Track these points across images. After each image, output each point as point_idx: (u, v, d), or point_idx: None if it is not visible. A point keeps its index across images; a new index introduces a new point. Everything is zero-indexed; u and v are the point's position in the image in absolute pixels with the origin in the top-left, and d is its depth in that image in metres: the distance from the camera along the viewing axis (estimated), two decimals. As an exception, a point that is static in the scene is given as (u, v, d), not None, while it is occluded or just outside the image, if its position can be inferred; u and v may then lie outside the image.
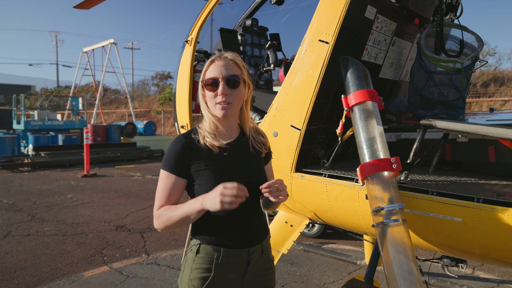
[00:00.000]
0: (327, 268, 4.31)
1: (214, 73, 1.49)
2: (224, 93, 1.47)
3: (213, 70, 1.50)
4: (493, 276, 4.11)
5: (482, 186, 1.97)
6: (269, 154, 1.71)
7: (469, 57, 2.41)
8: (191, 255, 1.54)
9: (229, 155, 1.54)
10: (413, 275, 1.66)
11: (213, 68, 1.51)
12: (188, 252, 1.56)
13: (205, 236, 1.53)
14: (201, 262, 1.51)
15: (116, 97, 39.91)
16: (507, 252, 1.74)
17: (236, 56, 1.54)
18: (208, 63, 1.52)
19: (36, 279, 3.95)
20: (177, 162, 1.48)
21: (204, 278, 1.49)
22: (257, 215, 1.61)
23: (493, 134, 1.76)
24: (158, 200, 1.50)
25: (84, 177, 10.59)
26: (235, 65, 1.51)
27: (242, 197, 1.31)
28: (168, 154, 1.51)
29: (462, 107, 2.68)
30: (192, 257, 1.52)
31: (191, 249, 1.55)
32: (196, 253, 1.52)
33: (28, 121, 15.78)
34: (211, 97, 1.50)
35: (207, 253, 1.51)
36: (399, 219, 1.75)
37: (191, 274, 1.51)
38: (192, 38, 2.88)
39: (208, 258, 1.50)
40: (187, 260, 1.55)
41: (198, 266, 1.51)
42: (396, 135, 2.65)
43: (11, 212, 6.64)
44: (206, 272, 1.50)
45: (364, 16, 2.21)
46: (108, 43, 22.94)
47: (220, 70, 1.49)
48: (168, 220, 1.44)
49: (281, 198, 1.40)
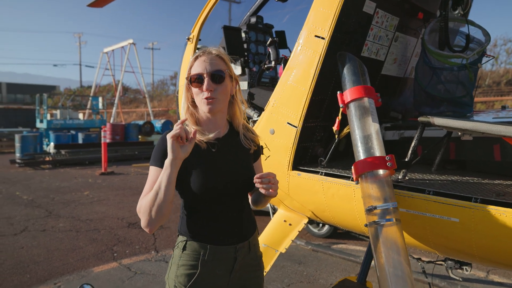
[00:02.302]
0: (334, 269, 4.25)
1: (199, 69, 1.48)
2: (209, 88, 1.46)
3: (198, 66, 1.49)
4: (508, 280, 3.96)
5: (484, 186, 1.89)
6: (258, 151, 1.69)
7: (474, 52, 2.32)
8: (177, 251, 1.53)
9: (217, 151, 1.53)
10: (405, 275, 1.61)
11: (197, 64, 1.49)
12: (175, 248, 1.56)
13: (192, 232, 1.52)
14: (187, 258, 1.50)
15: (135, 97, 40.61)
16: (506, 254, 1.66)
17: (221, 50, 1.52)
18: (193, 59, 1.51)
19: (48, 274, 4.05)
20: (165, 157, 1.42)
21: (190, 275, 1.49)
22: (245, 212, 1.60)
23: (493, 131, 1.69)
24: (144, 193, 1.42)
25: (101, 175, 10.82)
26: (220, 59, 1.50)
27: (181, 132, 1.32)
28: (156, 149, 1.48)
29: (469, 105, 2.58)
30: (179, 254, 1.52)
31: (177, 246, 1.54)
32: (182, 250, 1.51)
33: (50, 120, 16.23)
34: (197, 93, 1.49)
35: (194, 250, 1.50)
36: (393, 219, 1.70)
37: (177, 271, 1.50)
38: (194, 36, 2.89)
39: (195, 255, 1.50)
40: (174, 256, 1.54)
41: (184, 262, 1.50)
42: (399, 133, 2.58)
43: (30, 208, 6.84)
44: (192, 268, 1.49)
45: (362, 11, 2.16)
46: (127, 43, 23.38)
47: (204, 65, 1.47)
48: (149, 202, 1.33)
49: (271, 191, 1.37)
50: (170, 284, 1.53)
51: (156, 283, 3.82)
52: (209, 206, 1.51)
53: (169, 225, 5.82)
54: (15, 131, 18.42)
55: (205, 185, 1.46)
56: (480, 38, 2.48)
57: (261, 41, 3.47)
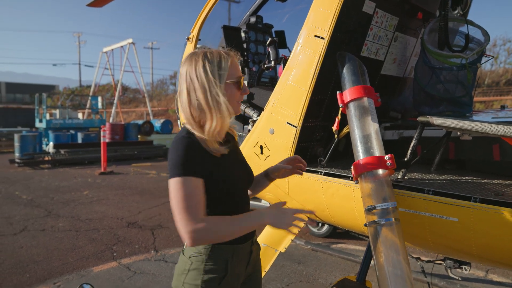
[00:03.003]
0: (334, 268, 4.26)
1: (238, 72, 1.48)
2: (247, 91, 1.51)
3: (236, 68, 1.47)
4: (507, 279, 3.97)
5: (483, 185, 1.90)
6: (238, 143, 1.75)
7: (474, 52, 2.32)
8: (200, 258, 1.46)
9: (228, 154, 1.50)
10: (405, 275, 1.62)
11: (235, 65, 1.47)
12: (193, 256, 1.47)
13: None
14: (213, 263, 1.46)
15: (135, 96, 40.60)
16: (505, 253, 1.67)
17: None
18: (232, 60, 1.45)
19: (47, 273, 4.05)
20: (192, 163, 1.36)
21: (218, 278, 1.46)
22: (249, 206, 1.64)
23: (492, 131, 1.69)
24: (189, 212, 1.30)
25: (101, 174, 10.82)
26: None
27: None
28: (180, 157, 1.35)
29: (469, 104, 2.59)
30: (201, 259, 1.46)
31: (199, 252, 1.47)
32: (207, 255, 1.46)
33: (49, 120, 16.22)
34: (235, 94, 1.46)
35: (220, 253, 1.47)
36: (392, 218, 1.71)
37: (203, 277, 1.45)
38: (193, 36, 2.89)
39: (223, 258, 1.47)
40: (192, 262, 1.47)
41: (210, 267, 1.45)
42: (398, 133, 2.58)
43: (29, 208, 6.84)
44: (221, 272, 1.46)
45: (362, 11, 2.16)
46: (126, 43, 23.36)
47: (238, 68, 1.48)
48: (223, 233, 1.33)
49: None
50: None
51: (155, 283, 3.83)
52: (233, 209, 1.49)
53: (168, 225, 5.82)
54: (14, 131, 18.41)
55: (232, 189, 1.48)
56: (479, 38, 2.49)
57: (261, 41, 3.47)
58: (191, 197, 1.31)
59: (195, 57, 1.44)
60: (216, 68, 1.42)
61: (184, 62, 1.47)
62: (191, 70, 1.42)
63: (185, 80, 1.43)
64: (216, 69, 1.41)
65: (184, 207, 1.29)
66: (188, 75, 1.42)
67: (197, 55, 1.45)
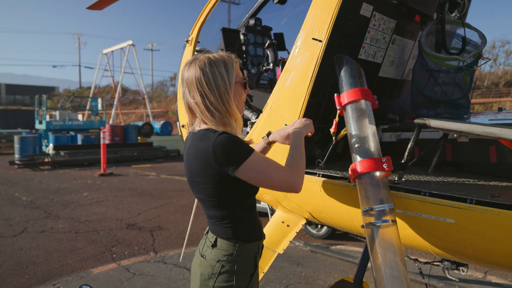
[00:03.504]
0: (333, 270, 4.27)
1: (241, 72, 1.58)
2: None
3: (238, 69, 1.56)
4: (506, 281, 3.98)
5: (479, 187, 1.91)
6: None
7: (470, 55, 2.34)
8: (231, 258, 1.48)
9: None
10: (401, 276, 1.63)
11: (238, 68, 1.56)
12: (224, 258, 1.48)
13: (246, 235, 1.54)
14: (244, 262, 1.51)
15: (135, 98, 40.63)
16: (501, 255, 1.68)
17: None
18: (234, 63, 1.53)
19: (47, 275, 4.06)
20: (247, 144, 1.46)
21: (250, 275, 1.53)
22: None
23: (488, 133, 1.70)
24: (282, 169, 1.44)
25: (100, 176, 10.84)
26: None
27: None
28: (240, 147, 1.41)
29: (466, 106, 2.61)
30: (234, 260, 1.48)
31: (230, 254, 1.49)
32: (238, 255, 1.49)
33: (49, 121, 16.24)
34: (241, 95, 1.58)
35: (248, 252, 1.53)
36: (389, 220, 1.72)
37: (236, 276, 1.47)
38: (192, 38, 2.91)
39: (251, 256, 1.54)
40: (225, 265, 1.47)
41: (242, 266, 1.49)
42: (396, 135, 2.59)
43: (29, 209, 6.85)
44: (251, 268, 1.53)
45: (359, 14, 2.18)
46: (126, 44, 23.39)
47: (240, 70, 1.57)
48: (303, 165, 1.54)
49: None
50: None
51: (154, 284, 3.84)
52: (254, 206, 1.62)
53: (167, 227, 5.83)
54: (14, 132, 18.42)
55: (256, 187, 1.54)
56: (476, 40, 2.51)
57: (260, 43, 3.49)
58: (269, 164, 1.43)
59: (201, 63, 1.46)
60: (225, 71, 1.47)
61: (188, 67, 1.49)
62: (201, 76, 1.44)
63: (196, 86, 1.45)
64: (225, 72, 1.47)
65: (273, 174, 1.41)
66: (199, 81, 1.44)
67: (202, 61, 1.46)
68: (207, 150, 1.39)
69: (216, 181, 1.42)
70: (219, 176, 1.41)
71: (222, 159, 1.38)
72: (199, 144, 1.42)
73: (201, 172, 1.43)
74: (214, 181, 1.43)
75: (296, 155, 1.55)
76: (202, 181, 1.44)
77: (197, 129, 1.49)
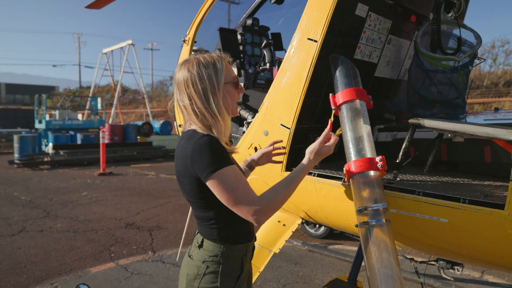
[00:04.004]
0: (331, 269, 4.28)
1: (233, 72, 1.55)
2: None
3: (230, 68, 1.54)
4: (503, 280, 3.99)
5: (473, 186, 1.92)
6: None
7: (466, 55, 2.35)
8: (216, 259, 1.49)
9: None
10: (395, 275, 1.64)
11: (229, 68, 1.53)
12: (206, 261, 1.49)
13: (233, 237, 1.53)
14: (230, 263, 1.51)
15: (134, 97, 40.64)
16: (494, 254, 1.69)
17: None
18: (226, 63, 1.51)
19: (45, 274, 4.07)
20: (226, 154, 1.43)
21: (236, 278, 1.51)
22: None
23: (481, 133, 1.71)
24: (247, 194, 1.37)
25: (100, 175, 10.84)
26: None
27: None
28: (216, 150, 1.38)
29: (462, 106, 2.62)
30: (219, 261, 1.49)
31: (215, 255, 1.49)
32: (224, 257, 1.49)
33: (49, 121, 16.24)
34: (233, 95, 1.54)
35: (235, 253, 1.52)
36: (383, 219, 1.72)
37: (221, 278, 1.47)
38: (189, 38, 2.92)
39: (238, 258, 1.53)
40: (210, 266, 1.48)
41: (226, 268, 1.49)
42: (392, 135, 2.60)
43: (28, 209, 6.86)
44: (237, 271, 1.52)
45: (355, 14, 2.18)
46: (126, 44, 23.40)
47: (232, 68, 1.55)
48: (285, 195, 1.45)
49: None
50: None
51: (152, 283, 3.85)
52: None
53: (166, 226, 5.84)
54: (14, 132, 18.43)
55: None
56: (471, 41, 2.52)
57: (257, 43, 3.50)
58: (239, 184, 1.36)
59: (190, 65, 1.45)
60: (213, 73, 1.44)
61: (179, 69, 1.48)
62: (188, 78, 1.44)
63: (185, 89, 1.44)
64: (213, 74, 1.44)
65: (238, 196, 1.35)
66: (186, 83, 1.44)
67: (191, 63, 1.46)
68: (188, 151, 1.39)
69: (197, 183, 1.41)
70: (198, 178, 1.39)
71: (196, 164, 1.37)
72: (185, 144, 1.43)
73: (184, 172, 1.43)
74: (195, 183, 1.41)
75: (280, 190, 1.44)
76: (186, 182, 1.44)
77: (187, 128, 1.51)
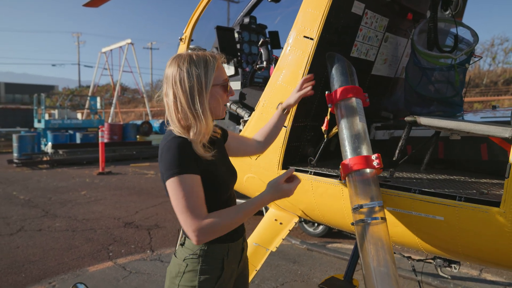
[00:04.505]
0: (329, 268, 4.28)
1: (224, 75, 1.49)
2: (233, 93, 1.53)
3: (222, 71, 1.48)
4: (501, 278, 3.99)
5: (470, 184, 1.91)
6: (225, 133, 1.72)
7: (462, 53, 2.34)
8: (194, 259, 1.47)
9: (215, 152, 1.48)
10: (390, 272, 1.63)
11: (221, 68, 1.47)
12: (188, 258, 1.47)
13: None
14: (209, 263, 1.47)
15: (133, 96, 40.62)
16: (490, 252, 1.69)
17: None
18: (218, 63, 1.44)
19: (43, 273, 4.07)
20: (189, 161, 1.36)
21: (215, 278, 1.47)
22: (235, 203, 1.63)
23: (476, 131, 1.71)
24: (193, 210, 1.30)
25: (99, 174, 10.83)
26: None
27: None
28: (176, 155, 1.33)
29: (459, 104, 2.61)
30: (196, 260, 1.46)
31: (195, 253, 1.47)
32: (201, 256, 1.46)
33: (48, 120, 16.22)
34: (222, 98, 1.46)
35: (215, 253, 1.48)
36: (378, 217, 1.72)
37: (200, 277, 1.45)
38: (186, 36, 2.91)
39: (218, 258, 1.48)
40: (187, 265, 1.46)
41: (205, 267, 1.46)
42: (389, 133, 2.60)
43: (27, 208, 6.86)
44: (216, 271, 1.48)
45: (351, 12, 2.18)
46: (125, 43, 23.39)
47: (224, 71, 1.49)
48: (231, 223, 1.36)
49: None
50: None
51: (151, 282, 3.84)
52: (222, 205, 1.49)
53: (164, 225, 5.84)
54: (13, 131, 18.41)
55: (223, 187, 1.49)
56: (468, 38, 2.51)
57: (255, 42, 3.49)
58: (191, 195, 1.30)
59: (181, 61, 1.40)
60: (203, 72, 1.39)
61: (170, 63, 1.43)
62: (176, 74, 1.38)
63: (172, 85, 1.40)
64: (203, 73, 1.39)
65: (185, 206, 1.29)
66: (174, 79, 1.39)
67: (183, 59, 1.41)
68: (160, 150, 1.39)
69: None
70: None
71: (161, 164, 1.35)
72: (160, 144, 1.41)
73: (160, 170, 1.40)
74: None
75: (231, 215, 1.36)
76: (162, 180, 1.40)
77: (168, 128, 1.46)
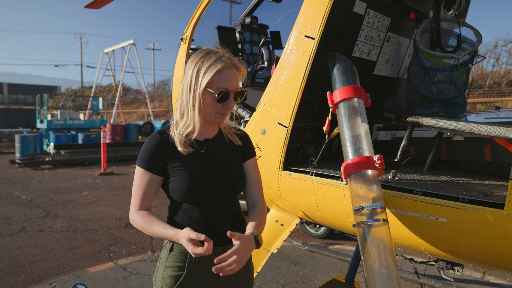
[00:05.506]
0: (330, 269, 4.25)
1: (225, 84, 1.41)
2: (232, 106, 1.47)
3: (224, 80, 1.41)
4: (504, 281, 3.95)
5: (473, 186, 1.89)
6: (249, 150, 1.64)
7: (466, 53, 2.31)
8: (164, 252, 1.53)
9: (206, 152, 1.51)
10: (392, 275, 1.61)
11: (224, 77, 1.41)
12: (162, 249, 1.56)
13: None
14: (174, 260, 1.50)
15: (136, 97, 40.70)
16: (493, 254, 1.66)
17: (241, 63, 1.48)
18: (217, 71, 1.39)
19: (43, 274, 4.05)
20: (152, 159, 1.48)
21: (177, 277, 1.48)
22: (233, 212, 1.58)
23: (480, 131, 1.69)
24: (134, 199, 1.52)
25: (101, 175, 10.83)
26: (239, 73, 1.47)
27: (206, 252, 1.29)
28: (144, 150, 1.49)
29: (462, 105, 2.58)
30: (166, 255, 1.52)
31: (164, 247, 1.54)
32: (169, 251, 1.51)
33: (50, 120, 16.25)
34: (213, 104, 1.43)
35: (180, 251, 1.49)
36: (380, 219, 1.70)
37: (164, 272, 1.50)
38: (187, 36, 2.90)
39: (181, 256, 1.49)
40: (161, 257, 1.55)
41: (171, 264, 1.50)
42: (391, 134, 2.58)
43: (28, 208, 6.85)
44: (179, 270, 1.49)
45: (353, 11, 2.16)
46: (127, 44, 23.39)
47: (232, 82, 1.43)
48: (143, 229, 1.48)
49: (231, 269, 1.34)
50: (157, 286, 1.53)
51: (151, 283, 3.83)
52: (196, 207, 1.50)
53: (166, 226, 5.82)
54: (15, 132, 18.45)
55: (192, 187, 1.46)
56: (472, 38, 2.48)
57: (256, 42, 3.48)
58: (139, 188, 1.50)
59: (198, 55, 1.46)
60: (203, 71, 1.40)
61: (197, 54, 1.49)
62: (188, 67, 1.46)
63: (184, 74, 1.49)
64: (202, 72, 1.39)
65: (133, 194, 1.52)
66: (187, 70, 1.46)
67: (199, 53, 1.46)
68: None
69: None
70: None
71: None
72: None
73: None
74: None
75: (146, 224, 1.45)
76: None
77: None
